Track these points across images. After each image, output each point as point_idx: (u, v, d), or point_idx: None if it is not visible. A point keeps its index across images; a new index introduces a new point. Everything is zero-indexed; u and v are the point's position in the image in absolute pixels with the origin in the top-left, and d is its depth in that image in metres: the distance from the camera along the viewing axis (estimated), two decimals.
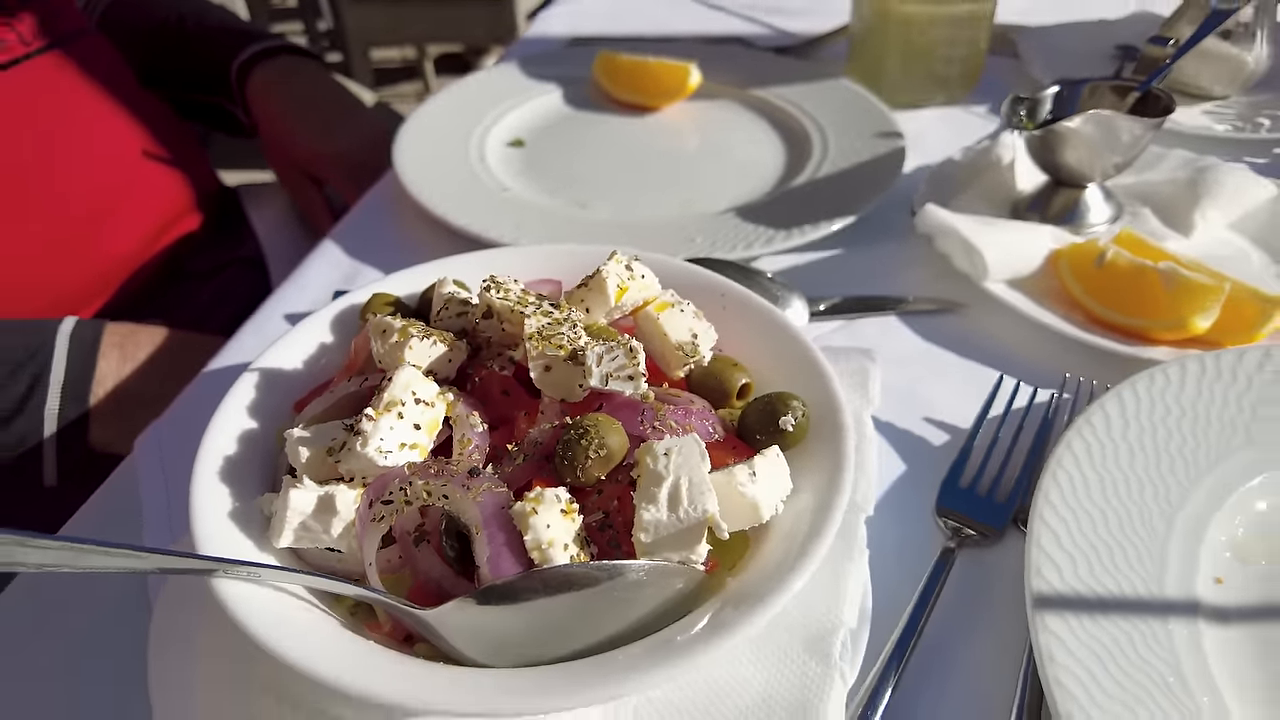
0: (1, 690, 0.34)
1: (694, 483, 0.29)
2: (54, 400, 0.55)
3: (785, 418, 0.33)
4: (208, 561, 0.28)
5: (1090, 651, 0.32)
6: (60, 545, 0.27)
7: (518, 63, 0.81)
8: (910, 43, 0.73)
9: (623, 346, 0.31)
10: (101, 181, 0.73)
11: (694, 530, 0.28)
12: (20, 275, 0.68)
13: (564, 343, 0.32)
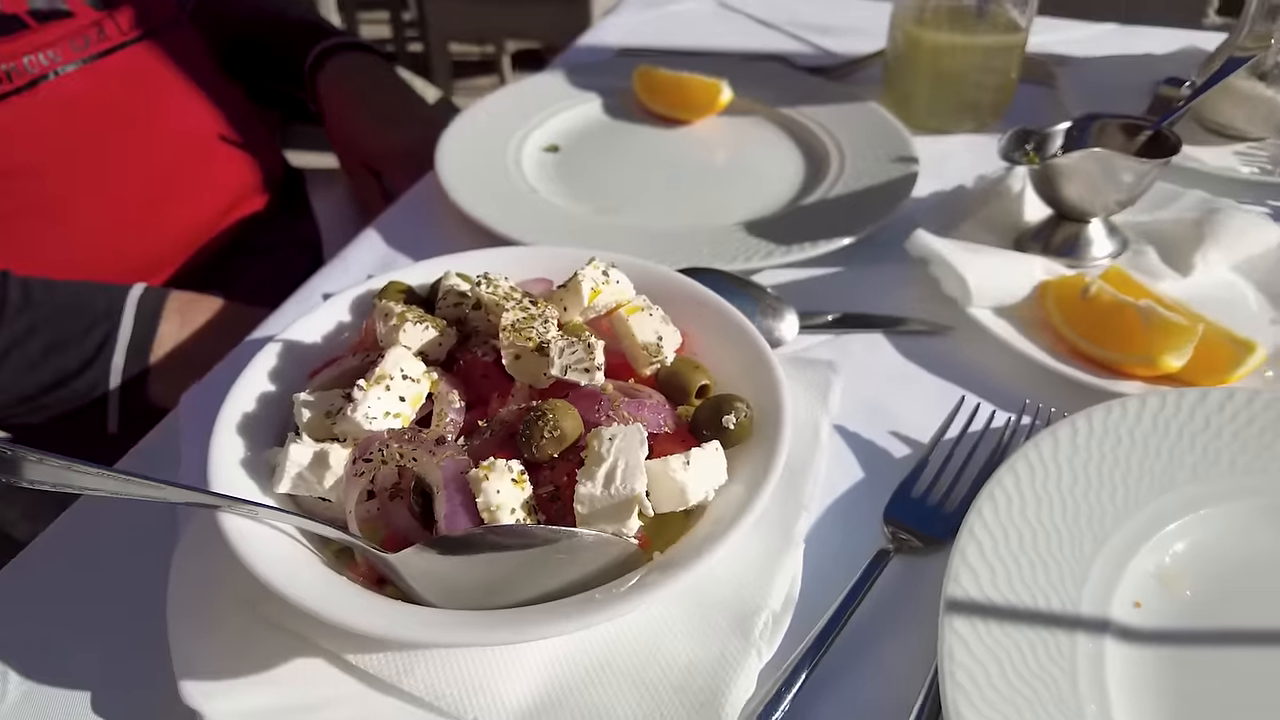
0: (53, 602, 0.40)
1: (629, 465, 0.32)
2: (120, 357, 0.62)
3: (728, 416, 0.36)
4: (216, 498, 0.33)
5: (990, 653, 0.34)
6: (99, 472, 0.32)
7: (564, 71, 0.85)
8: (940, 70, 0.75)
9: (582, 342, 0.35)
10: (177, 160, 0.81)
11: (624, 506, 0.32)
12: (100, 244, 0.75)
13: (533, 335, 0.36)
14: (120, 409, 0.64)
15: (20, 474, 0.31)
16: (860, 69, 0.87)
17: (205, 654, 0.35)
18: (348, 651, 0.36)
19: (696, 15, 1.09)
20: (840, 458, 0.47)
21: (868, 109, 0.76)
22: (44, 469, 0.31)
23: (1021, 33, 0.74)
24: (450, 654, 0.35)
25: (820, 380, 0.46)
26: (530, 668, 0.35)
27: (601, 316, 0.40)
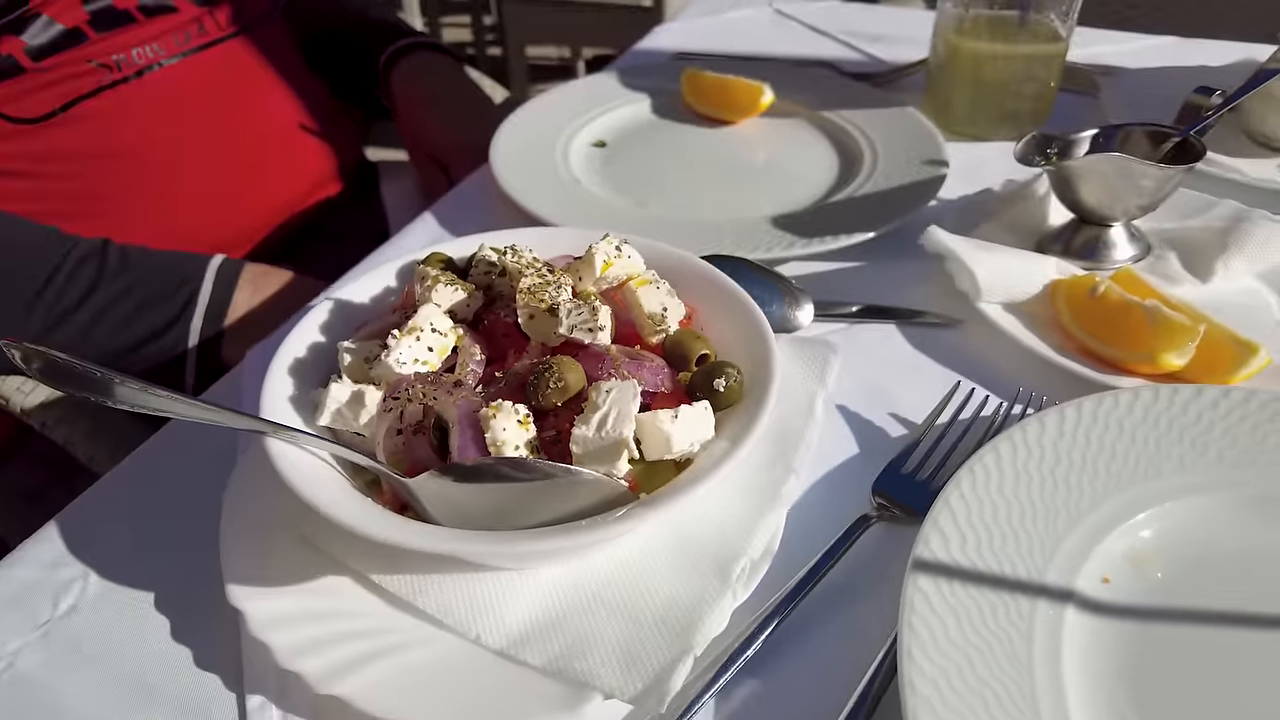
0: (130, 517, 0.46)
1: (620, 414, 0.36)
2: (199, 319, 0.69)
3: (719, 380, 0.40)
4: (266, 424, 0.38)
5: (950, 609, 0.37)
6: (170, 397, 0.37)
7: (618, 72, 0.90)
8: (979, 78, 0.77)
9: (588, 306, 0.39)
10: (263, 147, 0.88)
11: (613, 448, 0.36)
12: (191, 220, 0.83)
13: (546, 298, 0.40)
14: (196, 367, 0.70)
15: (109, 394, 0.36)
16: (904, 76, 0.89)
17: (249, 564, 0.40)
18: (372, 571, 0.40)
19: (753, 22, 1.12)
20: (839, 434, 0.50)
21: (905, 113, 0.78)
22: (126, 390, 0.36)
23: (1062, 43, 0.75)
24: (459, 579, 0.40)
25: (819, 358, 0.49)
26: (531, 596, 0.39)
27: (614, 288, 0.44)
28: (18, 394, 0.68)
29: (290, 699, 0.37)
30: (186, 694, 0.38)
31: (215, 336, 0.70)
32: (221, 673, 0.39)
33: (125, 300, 0.67)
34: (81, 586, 0.43)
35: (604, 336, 0.39)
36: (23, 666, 0.39)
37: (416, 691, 0.36)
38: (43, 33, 0.74)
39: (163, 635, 0.40)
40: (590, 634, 0.37)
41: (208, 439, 0.49)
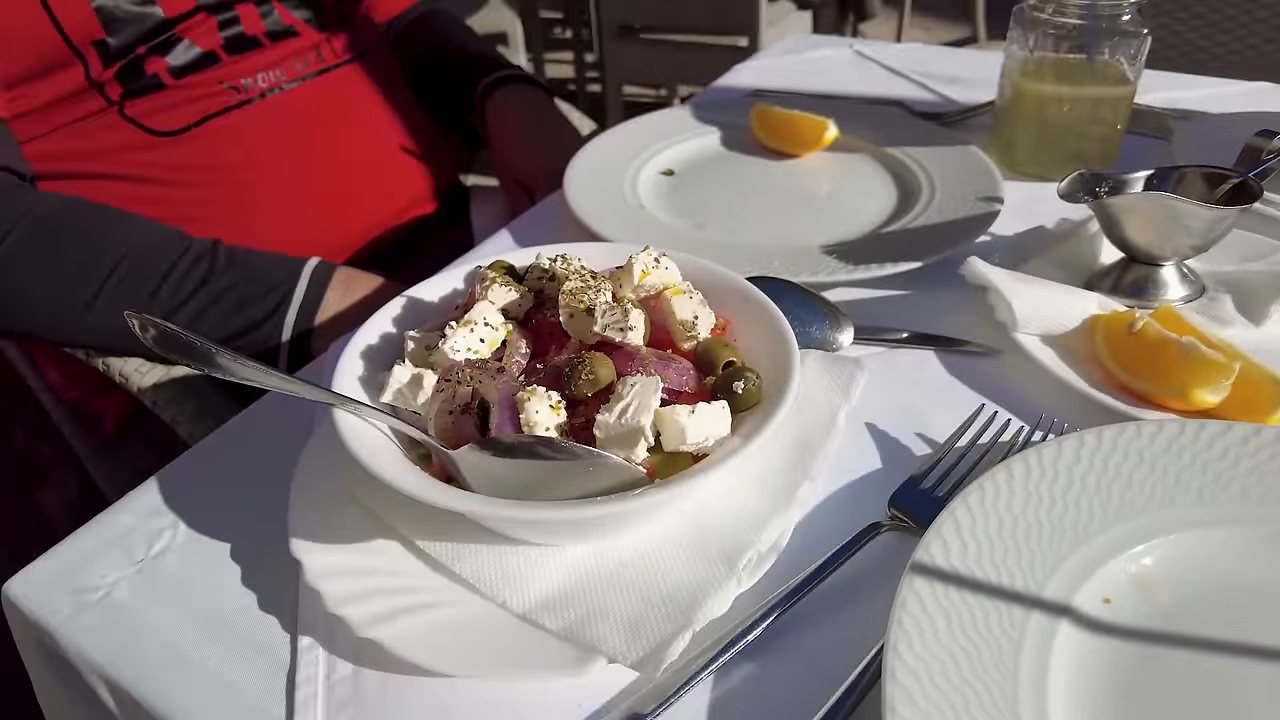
0: (217, 477, 0.52)
1: (641, 405, 0.40)
2: (292, 316, 0.76)
3: (738, 383, 0.43)
4: (335, 396, 0.43)
5: (941, 610, 0.38)
6: (257, 368, 0.43)
7: (693, 106, 0.94)
8: (1043, 119, 0.78)
9: (621, 308, 0.43)
10: (366, 166, 0.97)
11: (631, 435, 0.40)
12: (297, 229, 0.91)
13: (585, 300, 0.44)
14: (288, 361, 0.78)
15: (210, 363, 0.42)
16: (974, 116, 0.91)
17: (312, 522, 0.45)
18: (416, 537, 0.45)
19: (833, 61, 1.15)
20: (865, 449, 0.52)
21: (966, 151, 0.80)
22: (224, 360, 0.42)
23: (1130, 85, 0.76)
24: (493, 549, 0.44)
25: (845, 373, 0.52)
26: (555, 570, 0.43)
27: (652, 296, 0.48)
28: (136, 374, 0.77)
29: (335, 642, 0.42)
30: (249, 631, 0.43)
31: (306, 333, 0.77)
32: (280, 616, 0.44)
33: (229, 296, 0.75)
34: (171, 534, 0.49)
35: (634, 336, 0.43)
36: (117, 595, 0.45)
37: (443, 642, 0.40)
38: (184, 54, 0.84)
39: (234, 580, 0.46)
40: (603, 607, 0.41)
41: (288, 418, 0.55)
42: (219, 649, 0.42)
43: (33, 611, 0.45)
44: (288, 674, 0.41)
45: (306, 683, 0.40)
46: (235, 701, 0.40)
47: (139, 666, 0.42)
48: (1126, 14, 0.73)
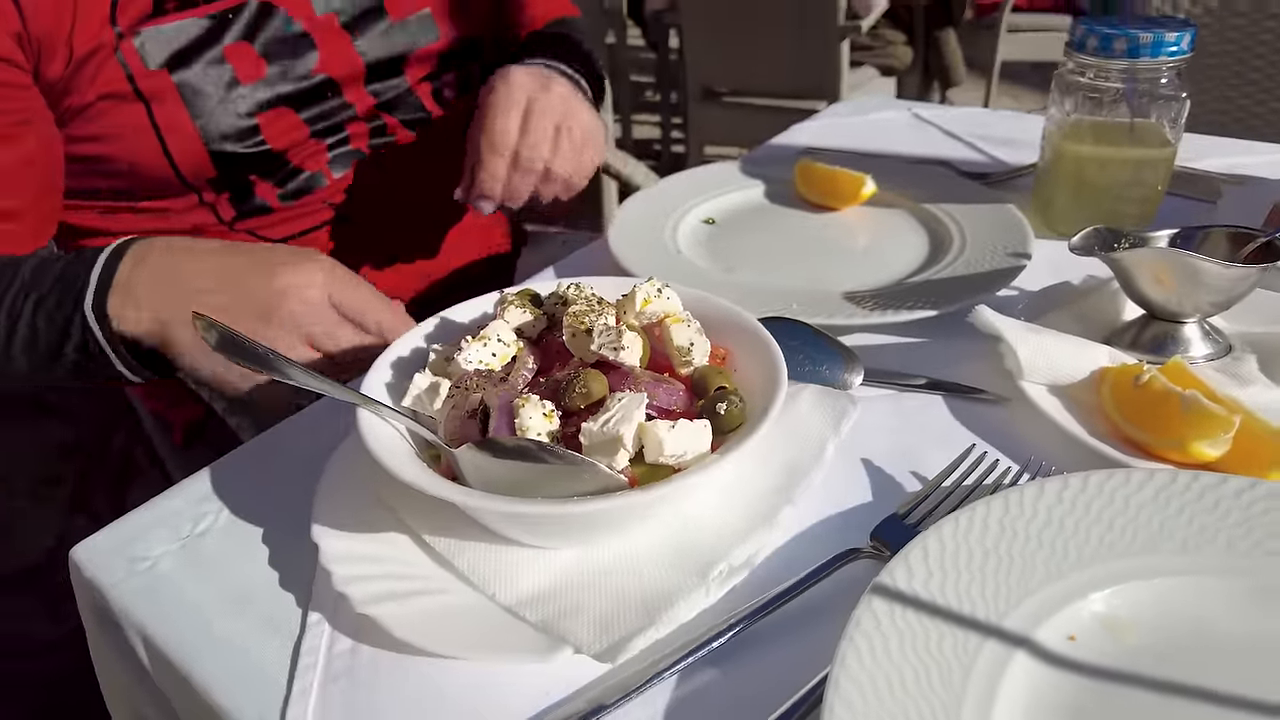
0: (260, 473, 0.58)
1: (623, 416, 0.43)
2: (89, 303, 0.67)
3: (720, 404, 0.46)
4: (359, 396, 0.48)
5: (896, 630, 0.40)
6: (299, 369, 0.48)
7: (743, 161, 0.99)
8: (1081, 180, 0.79)
9: (617, 330, 0.47)
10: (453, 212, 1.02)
11: (612, 443, 0.43)
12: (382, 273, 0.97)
13: (586, 321, 0.48)
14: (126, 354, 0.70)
15: (265, 365, 0.47)
16: (1018, 176, 0.92)
17: (333, 513, 0.50)
18: (424, 532, 0.49)
19: (891, 124, 1.18)
20: (857, 484, 0.53)
21: (1003, 209, 0.81)
22: (277, 363, 0.47)
23: (1170, 148, 0.76)
24: (492, 548, 0.47)
25: (838, 408, 0.54)
26: (543, 571, 0.46)
27: (653, 324, 0.52)
28: None
29: (339, 620, 0.46)
30: (268, 606, 0.48)
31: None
32: (296, 595, 0.48)
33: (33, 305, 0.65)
34: (214, 518, 0.54)
35: (627, 356, 0.47)
36: (162, 566, 0.51)
37: (431, 624, 0.43)
38: (292, 179, 0.85)
39: (262, 561, 0.51)
40: (580, 604, 0.44)
41: (327, 427, 0.61)
42: (240, 619, 0.47)
43: (92, 574, 0.51)
44: (295, 645, 0.45)
45: (309, 653, 0.45)
46: (247, 664, 0.45)
47: (171, 628, 0.47)
48: (1165, 78, 0.74)
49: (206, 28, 0.76)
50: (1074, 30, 0.75)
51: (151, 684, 0.49)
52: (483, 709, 0.41)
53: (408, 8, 0.87)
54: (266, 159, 0.82)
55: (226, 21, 0.77)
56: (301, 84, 0.81)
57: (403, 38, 0.87)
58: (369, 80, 0.86)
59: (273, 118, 0.80)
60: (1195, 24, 0.73)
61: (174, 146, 0.77)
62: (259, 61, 0.78)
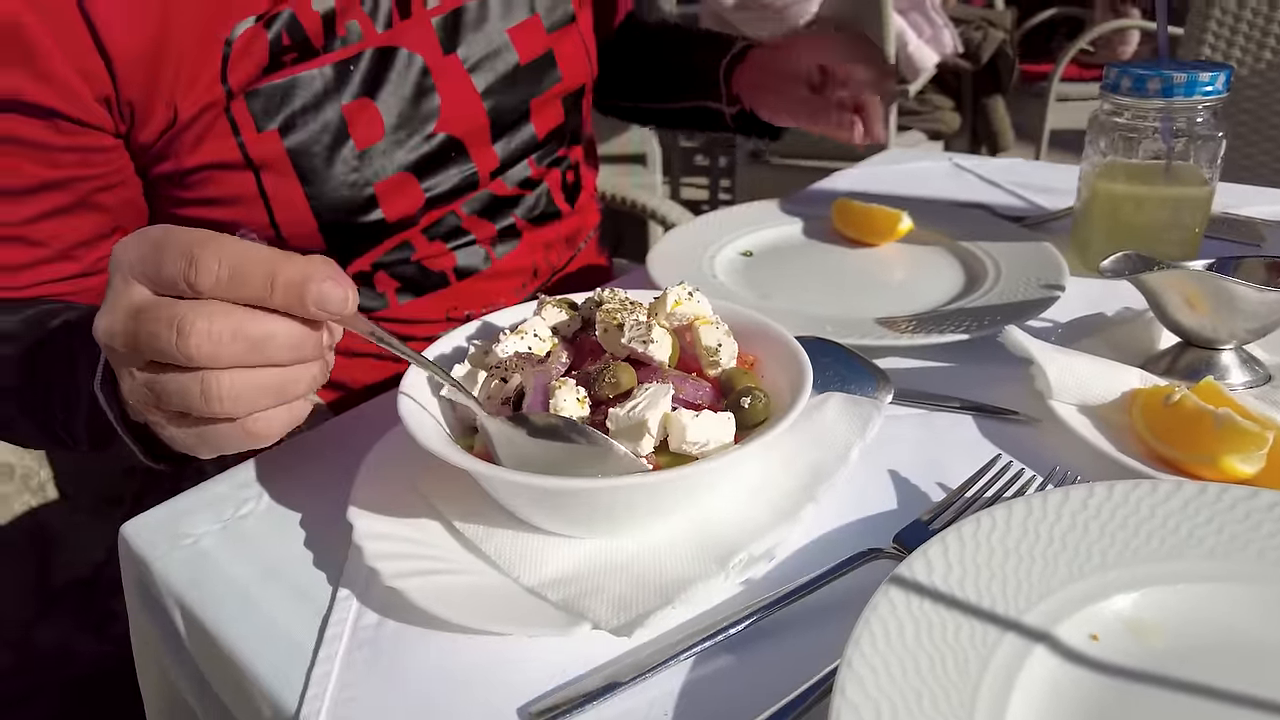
0: (305, 462, 0.60)
1: (649, 404, 0.45)
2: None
3: (745, 399, 0.47)
4: (421, 359, 0.49)
5: (912, 617, 0.40)
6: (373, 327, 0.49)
7: (782, 201, 1.02)
8: (1117, 220, 0.79)
9: (647, 325, 0.49)
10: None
11: (637, 428, 0.44)
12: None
13: (618, 318, 0.50)
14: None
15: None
16: (1056, 219, 0.93)
17: (370, 497, 0.52)
18: (455, 519, 0.50)
19: (931, 173, 1.20)
20: (883, 492, 0.54)
21: (1039, 247, 0.82)
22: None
23: (1207, 188, 0.76)
24: (519, 534, 0.49)
25: (863, 414, 0.54)
26: (568, 556, 0.47)
27: (684, 326, 0.53)
28: None
29: (368, 596, 0.47)
30: (301, 582, 0.49)
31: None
32: (329, 573, 0.50)
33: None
34: (255, 503, 0.57)
35: (656, 350, 0.48)
36: (204, 544, 0.53)
37: (456, 598, 0.44)
38: (408, 269, 0.82)
39: (297, 543, 0.53)
40: (600, 586, 0.45)
41: (371, 427, 0.63)
42: (273, 593, 0.49)
43: (138, 549, 0.53)
44: (323, 617, 0.47)
45: (336, 624, 0.46)
46: (276, 633, 0.46)
47: (208, 599, 0.49)
48: (1201, 117, 0.74)
49: (327, 80, 0.69)
50: (1108, 73, 0.77)
51: (186, 655, 0.51)
52: (501, 683, 0.42)
53: (535, 47, 0.83)
54: (380, 232, 0.76)
55: (346, 73, 0.70)
56: (423, 148, 0.75)
57: (527, 82, 0.83)
58: (495, 136, 0.81)
59: (391, 186, 0.74)
60: (1231, 66, 0.74)
61: (282, 218, 0.71)
62: (378, 119, 0.72)
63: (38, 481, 1.31)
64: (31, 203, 0.64)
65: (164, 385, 0.41)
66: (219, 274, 0.39)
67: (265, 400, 0.42)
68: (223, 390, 0.40)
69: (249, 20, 0.65)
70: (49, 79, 0.59)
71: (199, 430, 0.43)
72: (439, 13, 0.75)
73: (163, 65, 0.63)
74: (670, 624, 0.44)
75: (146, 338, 0.40)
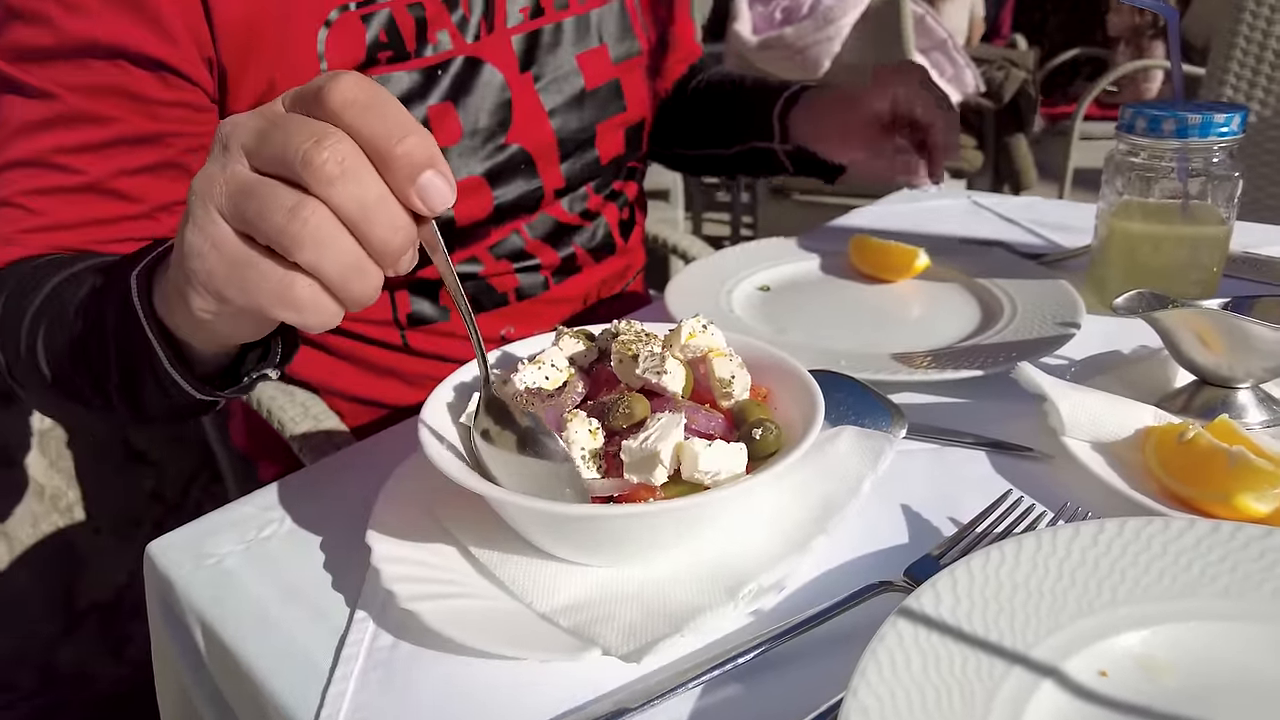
0: (329, 486, 0.62)
1: (661, 434, 0.46)
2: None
3: (756, 430, 0.48)
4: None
5: (919, 649, 0.40)
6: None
7: (800, 237, 1.03)
8: (1134, 258, 0.79)
9: (661, 356, 0.50)
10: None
11: (650, 459, 0.45)
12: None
13: (634, 349, 0.51)
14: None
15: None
16: (1073, 257, 0.93)
17: (388, 521, 0.53)
18: (471, 544, 0.51)
19: (949, 211, 1.21)
20: (894, 526, 0.54)
21: (1056, 285, 0.82)
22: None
23: (1224, 226, 0.76)
24: (533, 561, 0.49)
25: (875, 448, 0.55)
26: (578, 584, 0.48)
27: (698, 358, 0.54)
28: (291, 422, 0.90)
29: (384, 618, 0.48)
30: (320, 601, 0.51)
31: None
32: (347, 596, 0.51)
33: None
34: (278, 525, 0.58)
35: (669, 381, 0.49)
36: (227, 564, 0.54)
37: (469, 622, 0.45)
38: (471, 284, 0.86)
39: (317, 565, 0.54)
40: (611, 614, 0.45)
41: (392, 452, 0.64)
42: (293, 613, 0.50)
43: (163, 567, 0.55)
44: (340, 637, 0.48)
45: (353, 644, 0.47)
46: (294, 651, 0.47)
47: (228, 616, 0.50)
48: (1217, 157, 0.75)
49: (415, 83, 0.73)
50: (1124, 114, 0.78)
51: (206, 673, 0.52)
52: (512, 707, 0.43)
53: (601, 75, 0.87)
54: (448, 235, 0.79)
55: (434, 78, 0.74)
56: (496, 156, 0.79)
57: (593, 107, 0.87)
58: (563, 156, 0.85)
59: (464, 188, 0.77)
60: (1246, 108, 0.75)
61: None
62: (456, 124, 0.76)
63: (66, 502, 1.33)
64: (129, 155, 0.66)
65: (258, 188, 0.38)
66: (351, 97, 0.37)
67: (334, 257, 0.38)
68: (313, 216, 0.37)
69: (350, 4, 0.69)
70: (161, 29, 0.62)
71: (246, 260, 0.39)
72: (519, 31, 0.80)
73: (261, 38, 0.65)
74: (680, 652, 0.44)
75: (279, 139, 0.37)
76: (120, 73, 0.63)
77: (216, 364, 0.58)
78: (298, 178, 0.37)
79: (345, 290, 0.39)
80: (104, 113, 0.64)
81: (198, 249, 0.40)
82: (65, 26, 0.60)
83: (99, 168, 0.65)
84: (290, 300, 0.39)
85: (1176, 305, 0.62)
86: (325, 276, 0.39)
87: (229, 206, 0.38)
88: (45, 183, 0.65)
